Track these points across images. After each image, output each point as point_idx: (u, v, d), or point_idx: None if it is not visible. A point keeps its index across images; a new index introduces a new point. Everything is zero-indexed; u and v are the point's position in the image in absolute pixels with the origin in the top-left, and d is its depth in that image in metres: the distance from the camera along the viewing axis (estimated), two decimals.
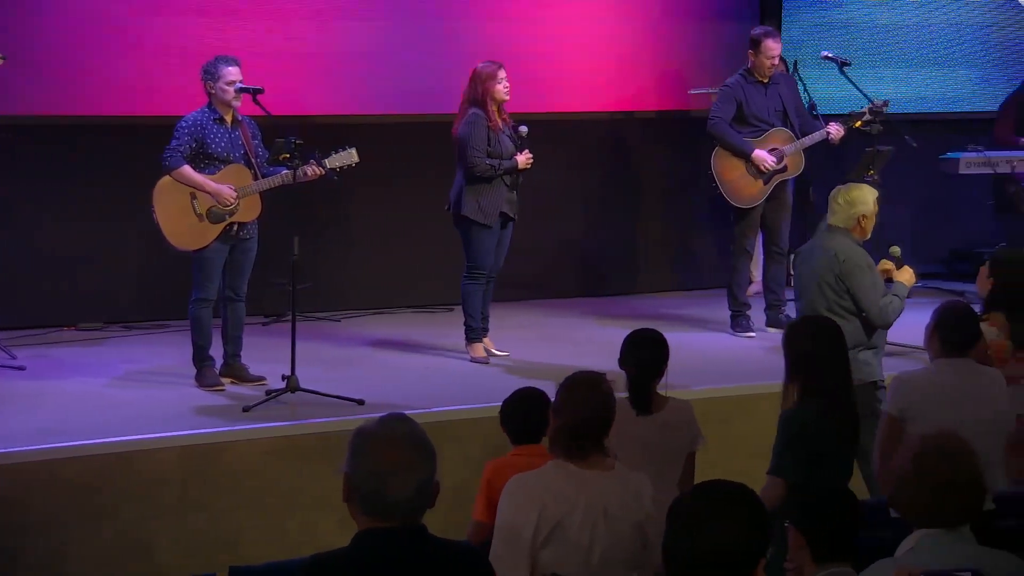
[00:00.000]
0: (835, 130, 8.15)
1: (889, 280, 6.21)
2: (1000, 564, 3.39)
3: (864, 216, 6.07)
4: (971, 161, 8.95)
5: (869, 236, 6.15)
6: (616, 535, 3.88)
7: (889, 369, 6.12)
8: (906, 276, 6.23)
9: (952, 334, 5.00)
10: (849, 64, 8.40)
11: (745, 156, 8.19)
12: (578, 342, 8.16)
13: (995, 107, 9.43)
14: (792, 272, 8.62)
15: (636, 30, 9.48)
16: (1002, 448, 4.86)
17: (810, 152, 8.35)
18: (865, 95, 8.18)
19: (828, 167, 8.58)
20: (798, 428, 4.69)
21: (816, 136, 8.20)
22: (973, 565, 3.30)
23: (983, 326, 5.29)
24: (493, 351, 7.70)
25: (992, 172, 8.98)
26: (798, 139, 8.22)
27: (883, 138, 8.14)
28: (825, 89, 8.95)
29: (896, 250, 6.42)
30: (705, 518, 2.60)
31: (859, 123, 8.11)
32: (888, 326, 6.12)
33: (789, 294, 8.98)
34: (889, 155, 8.15)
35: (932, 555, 3.40)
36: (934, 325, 5.07)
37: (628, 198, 9.87)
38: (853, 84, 8.23)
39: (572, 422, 3.93)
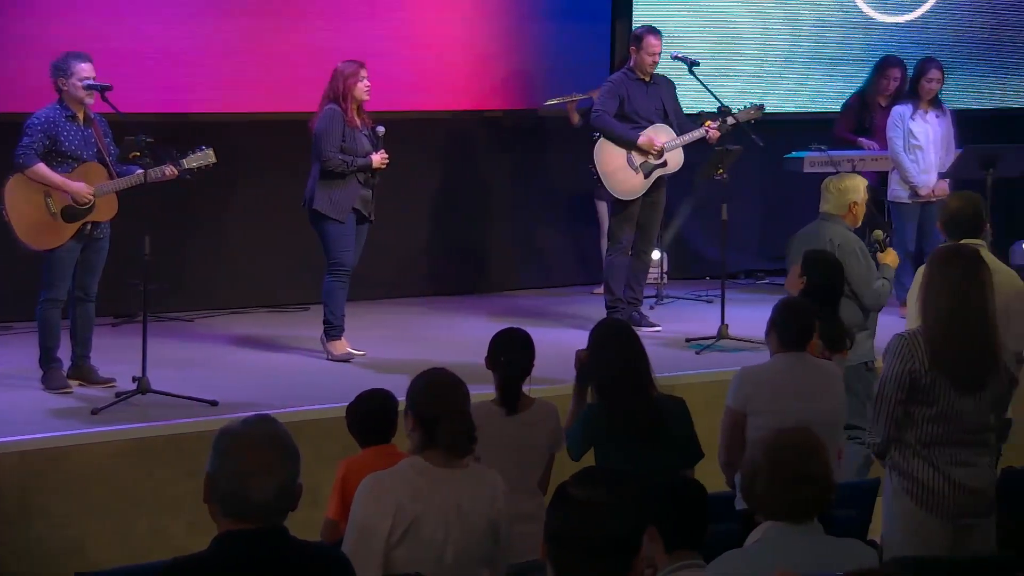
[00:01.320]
0: (713, 131, 8.27)
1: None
2: (849, 552, 3.50)
3: (855, 203, 6.45)
4: (815, 160, 9.17)
5: (860, 223, 6.51)
6: (470, 533, 3.90)
7: (735, 364, 6.27)
8: (890, 258, 6.58)
9: (788, 329, 5.13)
10: (698, 64, 8.52)
11: (631, 144, 8.24)
12: (434, 341, 8.19)
13: (837, 107, 9.68)
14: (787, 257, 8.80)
15: (489, 30, 9.52)
16: (839, 439, 5.02)
17: None
18: (714, 95, 8.33)
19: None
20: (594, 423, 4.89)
21: (695, 134, 8.29)
22: (821, 555, 3.40)
23: None
24: (349, 350, 7.69)
25: (835, 171, 9.22)
26: (678, 137, 8.33)
27: (731, 137, 8.31)
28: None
29: (879, 234, 6.72)
30: (592, 503, 2.64)
31: (734, 123, 8.25)
32: (880, 308, 6.50)
33: (648, 291, 9.16)
34: (737, 154, 8.31)
35: (780, 546, 3.49)
36: (771, 321, 5.21)
37: (481, 197, 9.92)
38: (703, 84, 8.36)
39: (421, 424, 3.92)
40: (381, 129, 7.60)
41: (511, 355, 4.96)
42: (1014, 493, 5.10)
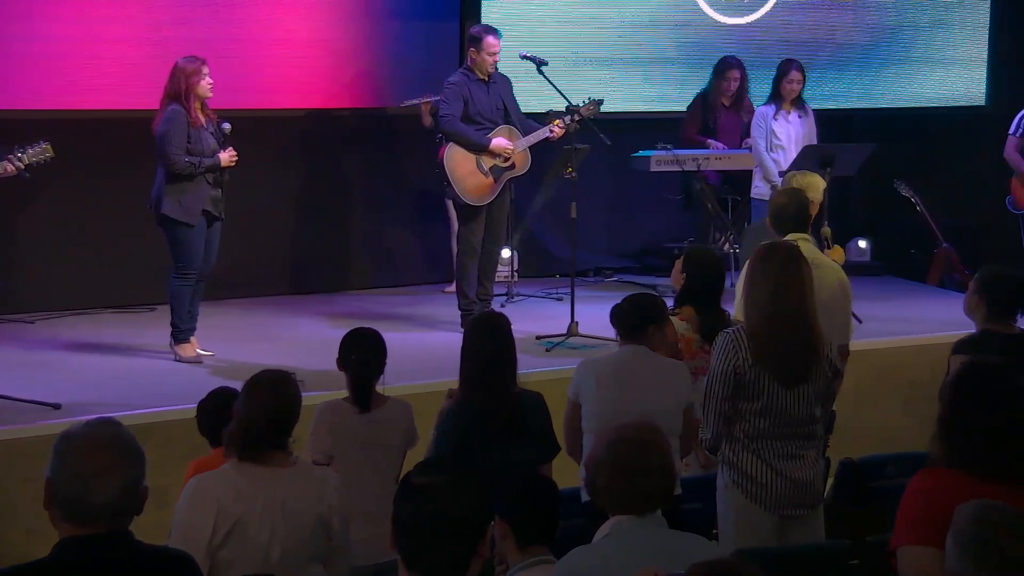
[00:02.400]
0: (557, 130, 8.32)
1: None
2: (691, 547, 3.58)
3: (812, 202, 6.54)
4: (661, 159, 9.32)
5: (812, 220, 6.69)
6: (296, 530, 3.91)
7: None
8: (837, 254, 6.82)
9: (623, 322, 5.21)
10: (546, 64, 8.58)
11: (483, 149, 8.26)
12: (284, 341, 8.13)
13: (683, 107, 9.84)
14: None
15: (339, 28, 9.47)
16: (677, 436, 5.12)
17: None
18: (562, 94, 8.41)
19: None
20: (454, 421, 4.91)
21: (540, 134, 8.33)
22: (665, 549, 3.48)
23: (674, 320, 5.56)
24: (198, 351, 7.59)
25: (680, 170, 9.39)
26: (523, 137, 8.38)
27: (580, 136, 8.40)
28: (525, 88, 9.12)
29: (827, 231, 6.97)
30: (434, 487, 2.68)
31: (578, 121, 8.32)
32: None
33: (499, 289, 9.22)
34: (586, 153, 8.40)
35: (626, 540, 3.55)
36: (610, 314, 5.32)
37: (330, 196, 9.87)
38: (551, 84, 8.43)
39: (243, 425, 3.94)
40: (227, 126, 7.51)
41: (361, 354, 4.98)
42: (848, 484, 5.29)
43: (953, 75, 10.44)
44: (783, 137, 8.91)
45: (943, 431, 3.57)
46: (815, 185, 6.66)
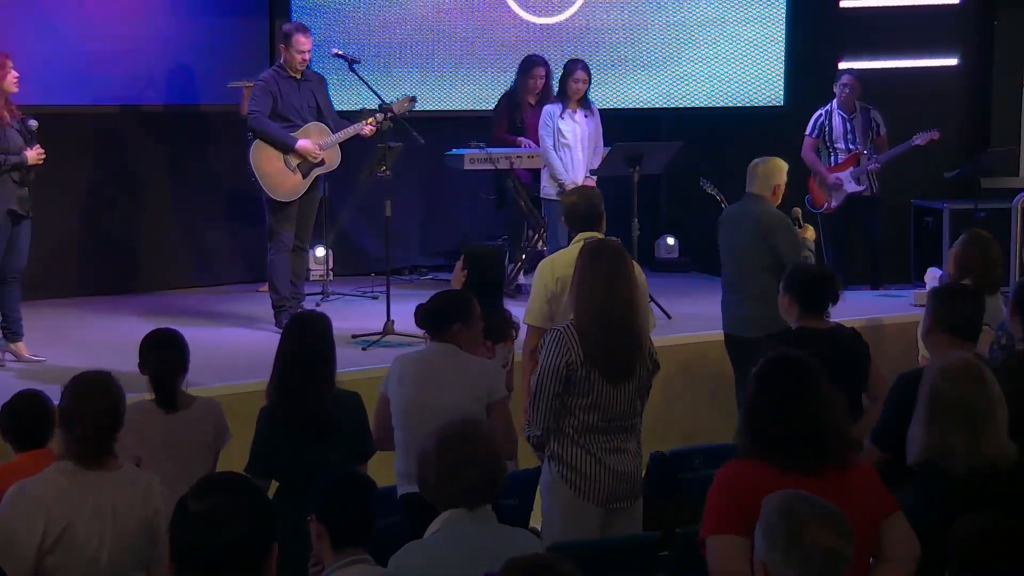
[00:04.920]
0: (368, 128, 8.31)
1: None
2: (519, 542, 3.65)
3: (778, 185, 6.99)
4: (475, 158, 9.38)
5: (779, 202, 7.08)
6: (124, 535, 3.88)
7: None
8: (809, 233, 7.15)
9: (426, 321, 5.22)
10: (358, 62, 8.57)
11: (288, 148, 8.21)
12: (91, 342, 7.97)
13: (493, 106, 9.92)
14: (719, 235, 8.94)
15: (147, 23, 9.31)
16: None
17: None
18: (375, 92, 8.41)
19: (340, 162, 8.74)
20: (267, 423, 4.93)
21: (350, 130, 8.31)
22: (493, 544, 3.54)
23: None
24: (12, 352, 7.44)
25: (493, 168, 9.48)
26: (334, 134, 8.35)
27: (393, 134, 8.41)
28: (342, 86, 9.08)
29: (797, 211, 7.37)
30: (210, 512, 2.62)
31: (390, 118, 8.32)
32: None
33: (314, 288, 9.17)
34: (399, 151, 8.41)
35: (457, 534, 3.62)
36: (414, 313, 5.32)
37: (141, 193, 9.70)
38: (363, 82, 8.43)
39: (82, 428, 3.88)
40: (33, 123, 7.32)
41: (160, 355, 4.96)
42: (658, 476, 5.44)
43: (753, 76, 10.76)
44: (569, 136, 9.04)
45: (746, 423, 3.71)
46: (779, 169, 7.03)
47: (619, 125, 9.71)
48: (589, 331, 4.77)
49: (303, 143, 8.22)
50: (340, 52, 8.62)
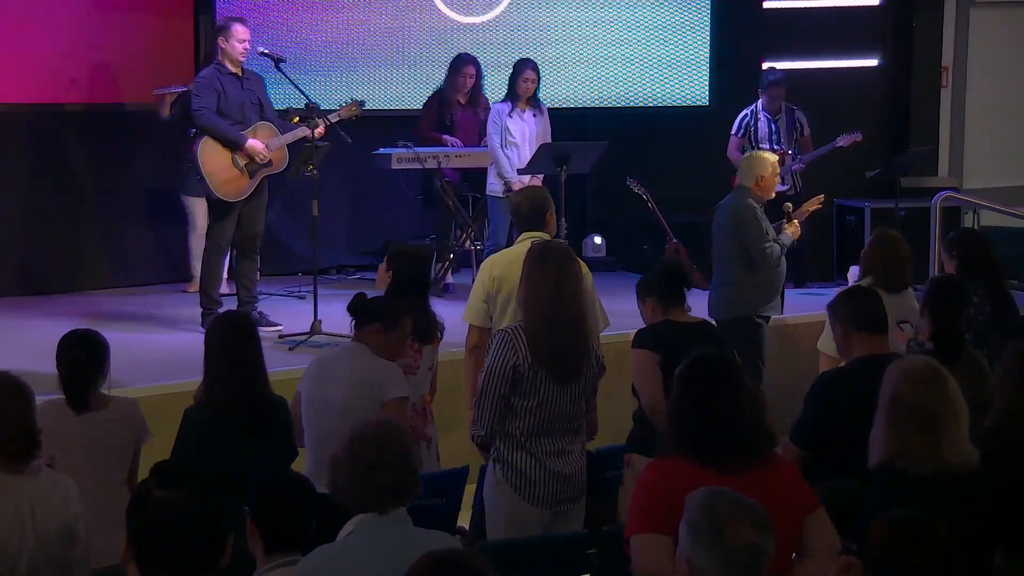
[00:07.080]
0: (320, 130, 8.24)
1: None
2: (435, 544, 3.62)
3: (762, 177, 7.35)
4: (402, 157, 9.37)
5: (770, 195, 7.51)
6: (44, 539, 3.85)
7: None
8: (792, 229, 7.55)
9: (356, 309, 5.25)
10: (284, 60, 8.50)
11: (237, 147, 8.09)
12: (13, 343, 7.85)
13: (421, 105, 9.91)
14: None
15: (69, 20, 9.20)
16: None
17: None
18: (302, 92, 8.37)
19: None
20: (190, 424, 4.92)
21: (299, 132, 8.21)
22: (408, 546, 3.52)
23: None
24: None
25: (421, 167, 9.48)
26: (280, 134, 8.27)
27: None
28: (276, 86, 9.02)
29: (788, 206, 7.73)
30: (175, 502, 2.66)
31: (338, 120, 8.27)
32: (769, 266, 7.42)
33: (264, 288, 9.07)
34: (326, 150, 8.37)
35: (369, 538, 3.60)
36: (347, 306, 5.35)
37: (61, 193, 9.57)
38: (290, 81, 8.39)
39: (8, 432, 3.84)
40: None
41: (72, 354, 4.92)
42: (591, 475, 5.47)
43: (679, 75, 10.84)
44: (517, 135, 9.08)
45: (670, 420, 3.75)
46: (762, 162, 7.38)
47: (554, 123, 9.74)
48: (538, 333, 4.79)
49: (252, 142, 8.11)
50: (266, 51, 8.53)
